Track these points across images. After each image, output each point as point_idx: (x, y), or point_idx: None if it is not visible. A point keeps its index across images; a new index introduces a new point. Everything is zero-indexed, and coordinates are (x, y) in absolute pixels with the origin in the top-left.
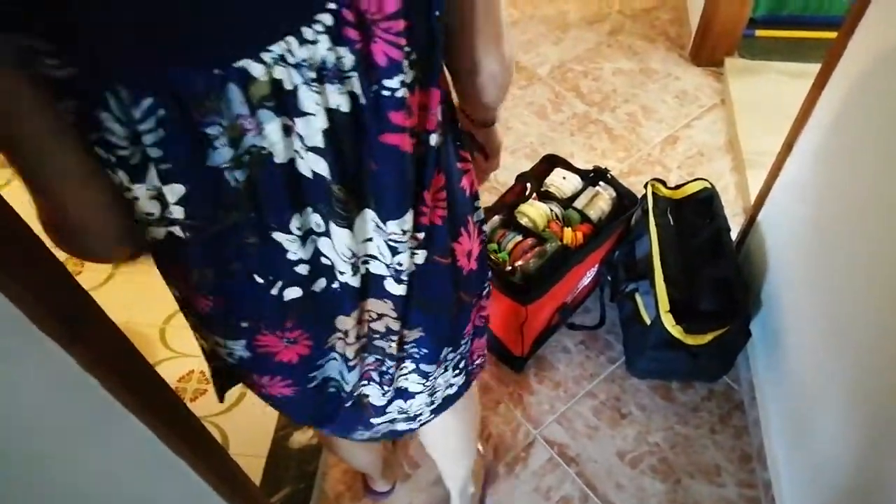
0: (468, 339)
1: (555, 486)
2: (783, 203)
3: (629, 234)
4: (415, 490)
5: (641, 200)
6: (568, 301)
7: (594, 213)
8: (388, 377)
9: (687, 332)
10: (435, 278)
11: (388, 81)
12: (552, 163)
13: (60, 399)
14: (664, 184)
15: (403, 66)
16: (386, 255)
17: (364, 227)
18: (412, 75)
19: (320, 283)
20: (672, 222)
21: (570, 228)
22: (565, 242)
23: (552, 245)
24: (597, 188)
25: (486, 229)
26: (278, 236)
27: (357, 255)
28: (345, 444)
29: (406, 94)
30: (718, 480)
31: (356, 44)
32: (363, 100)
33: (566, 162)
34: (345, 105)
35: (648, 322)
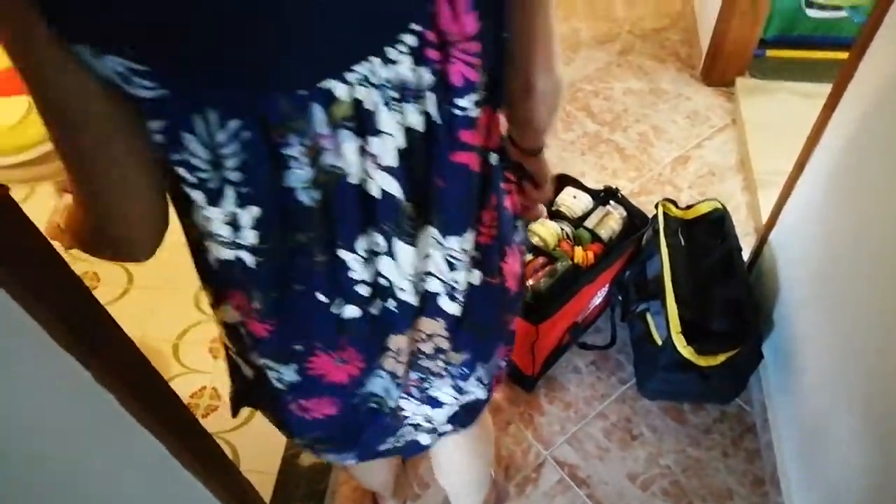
0: (496, 353)
1: None
2: (795, 224)
3: (640, 254)
4: None
5: (652, 220)
6: (579, 320)
7: (605, 233)
8: (427, 393)
9: (698, 353)
10: (486, 299)
11: (462, 101)
12: (563, 182)
13: (77, 412)
14: (675, 204)
15: (477, 86)
16: (444, 272)
17: (425, 244)
18: (482, 95)
19: (378, 304)
20: (683, 242)
21: (581, 247)
22: (576, 262)
23: (563, 264)
24: (607, 207)
25: None
26: (344, 255)
27: (418, 273)
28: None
29: (478, 114)
30: None
31: (436, 64)
32: (438, 119)
33: (577, 181)
34: (420, 124)
35: (659, 342)
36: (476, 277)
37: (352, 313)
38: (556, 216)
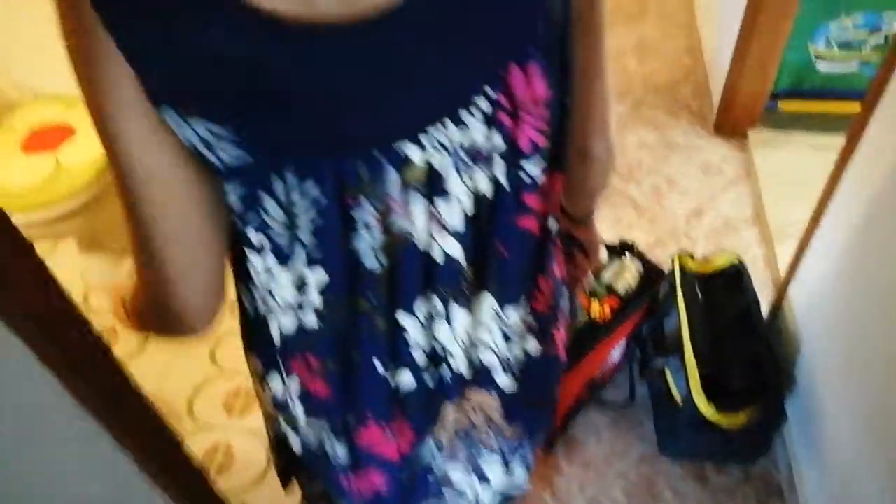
0: (545, 423)
1: None
2: (813, 278)
3: (657, 309)
4: None
5: (669, 274)
6: (597, 376)
7: (621, 287)
8: (476, 461)
9: (718, 411)
10: (540, 369)
11: (529, 166)
12: None
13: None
14: (691, 257)
15: (544, 152)
16: (499, 344)
17: (480, 311)
18: (546, 160)
19: (432, 372)
20: (700, 297)
21: (598, 301)
22: (593, 317)
23: (580, 319)
24: (623, 261)
25: None
26: (403, 319)
27: (472, 339)
28: None
29: (544, 179)
30: None
31: (507, 129)
32: (505, 184)
33: None
34: (488, 190)
35: (679, 401)
36: (532, 345)
37: (407, 381)
38: None
